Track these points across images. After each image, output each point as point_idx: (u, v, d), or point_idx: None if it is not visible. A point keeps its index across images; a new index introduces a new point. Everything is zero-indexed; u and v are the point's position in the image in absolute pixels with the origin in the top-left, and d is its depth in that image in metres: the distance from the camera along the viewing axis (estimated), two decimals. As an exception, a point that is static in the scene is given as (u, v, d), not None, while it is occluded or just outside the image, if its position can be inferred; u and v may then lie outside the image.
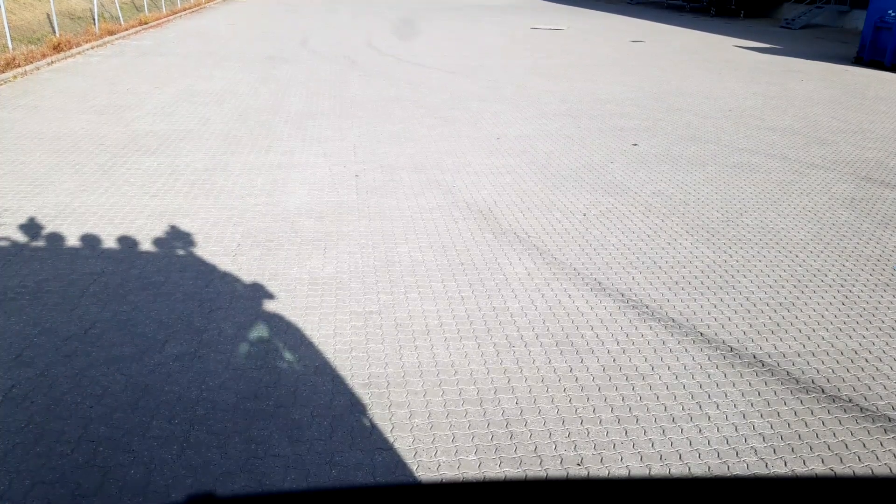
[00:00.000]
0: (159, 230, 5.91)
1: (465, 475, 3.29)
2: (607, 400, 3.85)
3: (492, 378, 4.01)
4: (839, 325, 4.74)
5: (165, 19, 21.30)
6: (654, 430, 3.62)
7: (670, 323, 4.70)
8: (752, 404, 3.84)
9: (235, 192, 6.90)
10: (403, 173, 7.71)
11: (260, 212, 6.41)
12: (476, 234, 6.07)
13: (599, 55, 17.45)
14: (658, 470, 3.34)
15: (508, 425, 3.61)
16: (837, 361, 4.30)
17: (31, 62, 12.91)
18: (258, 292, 4.92)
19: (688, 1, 32.40)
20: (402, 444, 3.45)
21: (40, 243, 5.60)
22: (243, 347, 4.23)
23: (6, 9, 13.66)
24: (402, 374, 4.01)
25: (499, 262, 5.53)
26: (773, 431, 3.62)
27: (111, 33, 17.24)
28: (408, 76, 13.75)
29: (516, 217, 6.51)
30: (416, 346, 4.31)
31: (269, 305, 4.74)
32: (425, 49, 17.54)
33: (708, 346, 4.43)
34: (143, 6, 21.32)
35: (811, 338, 4.57)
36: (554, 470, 3.33)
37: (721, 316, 4.82)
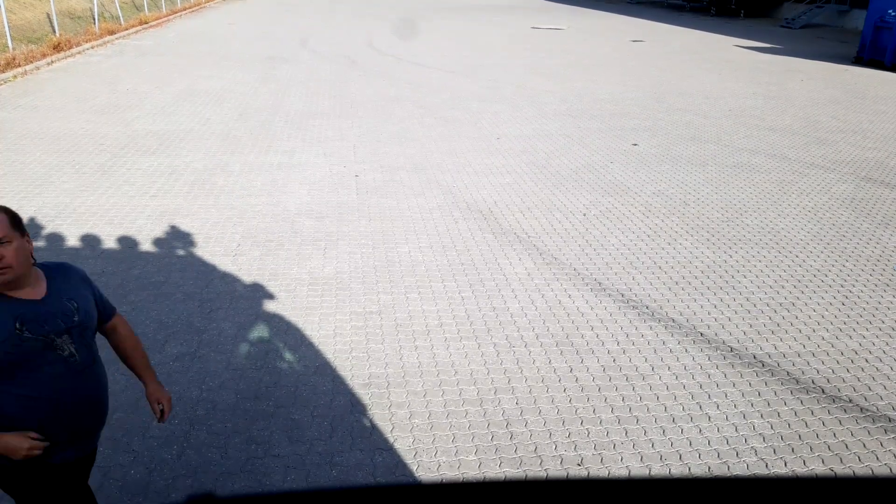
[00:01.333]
0: (159, 230, 5.91)
1: (465, 475, 3.29)
2: (607, 400, 3.85)
3: (492, 378, 4.01)
4: (839, 325, 4.74)
5: (165, 19, 21.30)
6: (654, 430, 3.62)
7: (670, 323, 4.70)
8: (752, 404, 3.84)
9: (235, 192, 6.90)
10: (403, 173, 7.71)
11: (260, 212, 6.41)
12: (476, 234, 6.07)
13: (599, 55, 17.45)
14: (658, 470, 3.34)
15: (508, 425, 3.61)
16: (837, 361, 4.30)
17: (31, 62, 12.91)
18: (258, 292, 4.92)
19: (688, 1, 32.40)
20: (402, 444, 3.45)
21: (40, 243, 5.60)
22: (243, 347, 4.23)
23: (6, 8, 13.67)
24: (402, 375, 4.01)
25: (499, 262, 5.53)
26: (773, 431, 3.63)
27: (111, 33, 17.25)
28: (408, 76, 13.75)
29: (516, 217, 6.51)
30: (416, 347, 4.31)
31: (269, 305, 4.74)
32: (425, 49, 17.54)
33: (708, 346, 4.43)
34: (143, 6, 21.32)
35: (811, 338, 4.57)
36: (554, 470, 3.33)
37: (721, 316, 4.82)
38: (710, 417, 3.72)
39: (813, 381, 4.08)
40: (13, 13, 14.97)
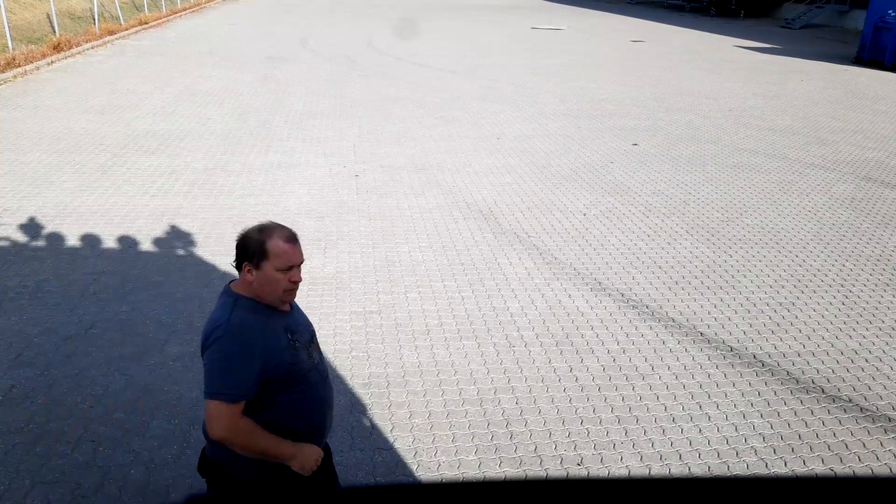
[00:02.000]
0: (159, 230, 5.91)
1: (465, 475, 3.29)
2: (607, 400, 3.85)
3: (492, 378, 4.01)
4: (839, 325, 4.74)
5: (165, 19, 21.30)
6: (654, 430, 3.62)
7: (670, 323, 4.70)
8: (752, 404, 3.84)
9: (235, 192, 6.90)
10: (403, 173, 7.71)
11: (260, 212, 6.40)
12: (476, 234, 6.07)
13: (599, 55, 17.45)
14: (658, 470, 3.34)
15: (508, 425, 3.61)
16: (837, 361, 4.30)
17: (31, 62, 12.91)
18: (258, 292, 4.91)
19: (688, 1, 32.39)
20: (402, 444, 3.45)
21: (40, 243, 5.60)
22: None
23: (6, 8, 13.66)
24: (402, 374, 4.01)
25: (499, 262, 5.53)
26: (773, 431, 3.62)
27: (111, 33, 17.24)
28: (408, 76, 13.75)
29: (516, 217, 6.51)
30: (416, 346, 4.31)
31: (269, 305, 4.73)
32: (425, 49, 17.54)
33: (708, 346, 4.43)
34: (143, 6, 21.32)
35: (811, 338, 4.57)
36: (554, 470, 3.33)
37: (721, 316, 4.82)
38: (710, 417, 3.72)
39: (813, 381, 4.08)
40: (13, 13, 14.96)
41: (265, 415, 2.10)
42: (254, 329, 2.04)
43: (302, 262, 2.13)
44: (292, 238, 2.11)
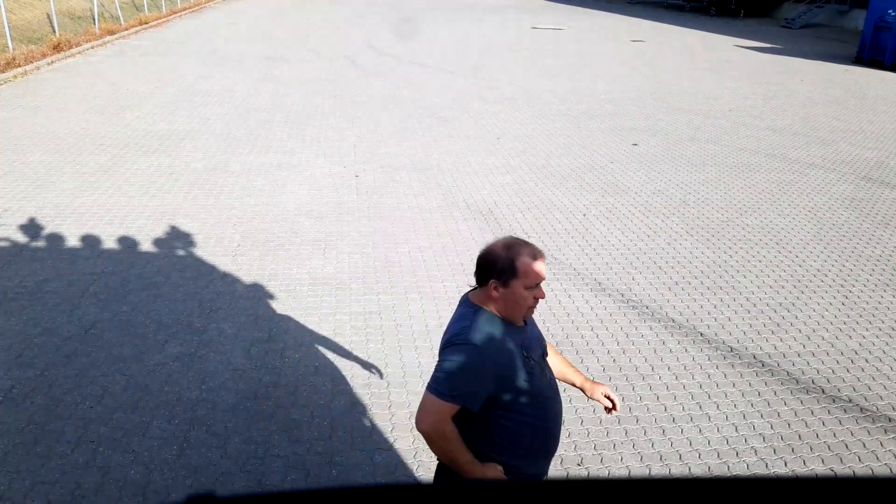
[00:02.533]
0: (159, 230, 5.91)
1: (465, 475, 3.28)
2: (607, 400, 3.85)
3: (492, 378, 4.00)
4: (839, 325, 4.74)
5: (165, 19, 21.30)
6: (654, 430, 3.62)
7: (670, 323, 4.70)
8: (752, 404, 3.84)
9: (235, 193, 6.90)
10: (403, 173, 7.70)
11: (260, 212, 6.41)
12: (476, 235, 6.07)
13: (599, 55, 17.45)
14: (658, 470, 3.34)
15: (508, 425, 3.61)
16: (837, 361, 4.30)
17: (31, 62, 12.91)
18: (258, 292, 4.92)
19: (688, 1, 32.38)
20: (402, 444, 3.45)
21: (40, 243, 5.60)
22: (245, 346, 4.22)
23: (6, 8, 13.66)
24: (402, 375, 4.01)
25: (499, 262, 5.52)
26: (773, 431, 3.62)
27: (111, 33, 17.25)
28: (408, 76, 13.75)
29: (516, 217, 6.50)
30: (416, 347, 4.30)
31: (269, 305, 4.74)
32: (425, 49, 17.54)
33: (708, 346, 4.43)
34: (143, 6, 21.31)
35: (811, 338, 4.57)
36: (554, 470, 3.33)
37: (721, 316, 4.82)
38: (710, 417, 3.72)
39: (813, 381, 4.08)
40: (13, 13, 14.96)
41: (495, 430, 2.09)
42: (492, 347, 2.03)
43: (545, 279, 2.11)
44: (539, 255, 2.08)
